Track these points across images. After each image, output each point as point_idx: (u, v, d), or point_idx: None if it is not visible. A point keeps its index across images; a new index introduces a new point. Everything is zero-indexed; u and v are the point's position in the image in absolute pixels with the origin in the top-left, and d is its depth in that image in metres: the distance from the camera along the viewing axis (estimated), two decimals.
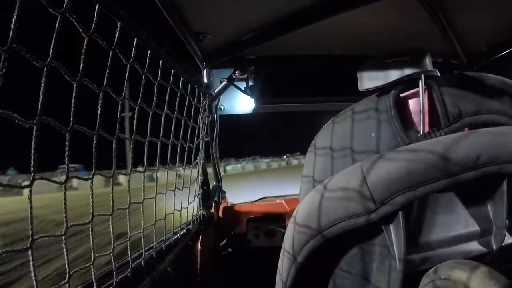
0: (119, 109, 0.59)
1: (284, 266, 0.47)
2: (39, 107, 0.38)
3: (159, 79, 0.73)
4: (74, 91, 0.45)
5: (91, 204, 0.51)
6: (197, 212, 1.28)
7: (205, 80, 1.34)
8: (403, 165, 0.39)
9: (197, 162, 1.24)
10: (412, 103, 0.51)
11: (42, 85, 0.38)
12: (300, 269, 0.45)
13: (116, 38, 0.55)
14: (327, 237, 0.43)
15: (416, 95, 0.50)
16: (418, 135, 0.48)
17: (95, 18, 0.49)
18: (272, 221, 1.52)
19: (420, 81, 0.49)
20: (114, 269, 0.60)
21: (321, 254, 0.45)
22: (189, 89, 0.98)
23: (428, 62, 0.54)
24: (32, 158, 0.37)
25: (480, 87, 0.48)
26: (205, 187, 1.41)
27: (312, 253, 0.44)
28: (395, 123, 0.48)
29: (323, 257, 0.47)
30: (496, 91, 0.48)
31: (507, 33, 1.18)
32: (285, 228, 1.50)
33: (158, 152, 0.79)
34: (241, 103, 1.58)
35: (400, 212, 0.40)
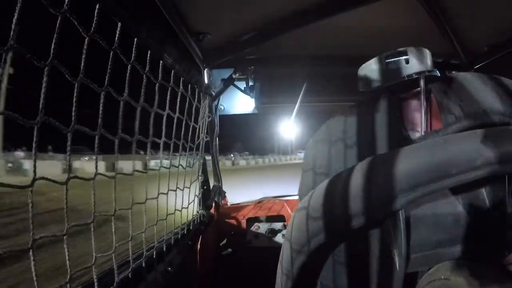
0: (120, 111, 0.59)
1: (282, 281, 0.47)
2: (40, 106, 0.38)
3: (159, 79, 0.73)
4: (75, 91, 0.45)
5: (93, 204, 0.51)
6: (197, 212, 1.28)
7: (205, 80, 1.34)
8: (404, 165, 0.39)
9: (197, 162, 1.24)
10: (413, 103, 0.51)
11: (43, 84, 0.38)
12: (297, 280, 0.45)
13: (116, 38, 0.55)
14: (327, 238, 0.43)
15: (417, 95, 0.50)
16: (419, 136, 0.48)
17: (95, 18, 0.49)
18: (272, 221, 1.52)
19: (421, 81, 0.49)
20: (115, 269, 0.60)
21: (319, 258, 0.45)
22: (189, 89, 0.98)
23: (428, 62, 0.54)
24: (33, 158, 0.37)
25: (481, 88, 0.48)
26: (205, 187, 1.41)
27: (310, 257, 0.44)
28: (397, 124, 0.48)
29: (321, 261, 0.47)
30: (497, 91, 0.48)
31: (507, 33, 1.18)
32: (285, 228, 1.51)
33: (160, 152, 0.79)
34: (241, 103, 1.58)
35: (400, 212, 0.40)
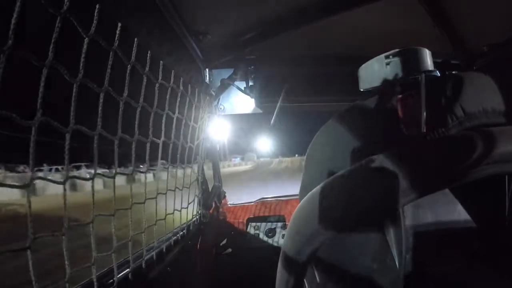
0: (121, 110, 0.59)
1: (282, 281, 0.47)
2: (38, 106, 0.38)
3: (159, 79, 0.73)
4: (74, 91, 0.45)
5: (92, 204, 0.51)
6: (197, 212, 1.28)
7: (205, 80, 1.34)
8: (405, 165, 0.39)
9: (197, 162, 1.24)
10: (413, 103, 0.51)
11: (42, 84, 0.38)
12: (297, 281, 0.45)
13: (116, 38, 0.55)
14: (327, 239, 0.43)
15: (416, 95, 0.50)
16: (419, 136, 0.48)
17: (95, 18, 0.49)
18: (272, 221, 1.52)
19: (420, 81, 0.49)
20: (114, 269, 0.60)
21: (319, 258, 0.45)
22: (189, 89, 0.98)
23: (428, 62, 0.54)
24: (31, 158, 0.37)
25: (481, 87, 0.48)
26: (204, 187, 1.41)
27: (311, 255, 0.44)
28: (397, 124, 0.48)
29: (322, 262, 0.47)
30: (497, 91, 0.48)
31: (507, 33, 1.18)
32: (285, 228, 1.51)
33: (159, 153, 0.79)
34: (241, 103, 1.58)
35: (400, 212, 0.40)
